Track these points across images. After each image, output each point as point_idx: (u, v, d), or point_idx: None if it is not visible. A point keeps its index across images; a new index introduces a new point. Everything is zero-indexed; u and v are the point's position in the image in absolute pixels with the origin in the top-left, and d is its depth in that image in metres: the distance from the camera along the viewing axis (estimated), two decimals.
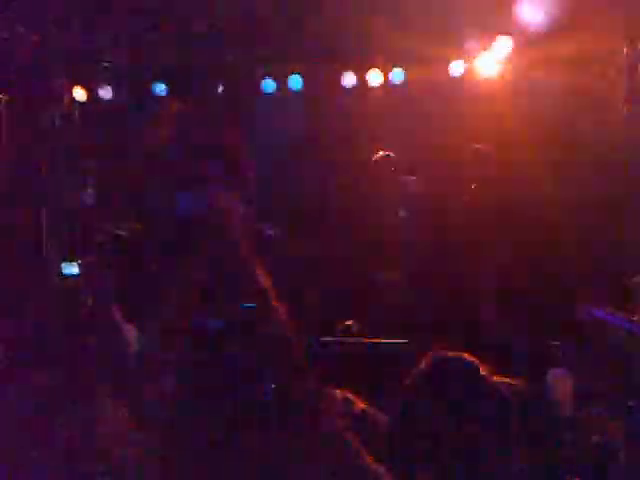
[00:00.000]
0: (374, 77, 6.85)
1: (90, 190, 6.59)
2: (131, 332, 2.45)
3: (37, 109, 6.72)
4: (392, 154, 6.37)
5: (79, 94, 7.14)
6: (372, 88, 6.87)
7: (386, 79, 6.82)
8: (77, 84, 7.09)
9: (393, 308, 5.86)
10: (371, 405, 2.15)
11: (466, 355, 1.62)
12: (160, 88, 7.21)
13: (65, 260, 5.06)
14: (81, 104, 7.23)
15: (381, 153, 6.39)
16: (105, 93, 7.20)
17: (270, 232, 6.09)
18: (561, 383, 3.83)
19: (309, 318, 5.86)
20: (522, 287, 6.07)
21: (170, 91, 7.15)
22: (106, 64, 6.92)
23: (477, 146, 6.19)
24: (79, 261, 4.35)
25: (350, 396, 2.18)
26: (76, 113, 7.17)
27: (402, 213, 6.34)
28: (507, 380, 1.82)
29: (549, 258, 6.10)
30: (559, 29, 5.83)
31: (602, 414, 3.11)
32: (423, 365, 1.62)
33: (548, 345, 4.25)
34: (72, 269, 4.14)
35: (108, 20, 6.18)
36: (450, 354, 1.63)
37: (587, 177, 6.15)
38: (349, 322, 5.70)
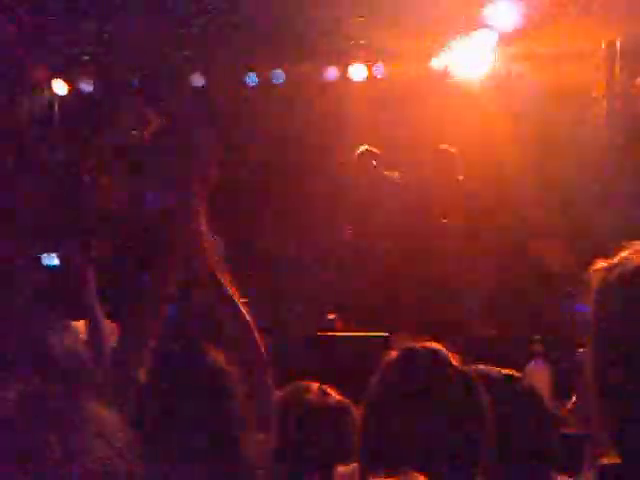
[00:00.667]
0: (356, 71, 6.85)
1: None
2: (112, 330, 2.43)
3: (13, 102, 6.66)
4: (374, 149, 6.38)
5: (59, 87, 7.08)
6: (354, 83, 6.87)
7: (369, 73, 6.82)
8: (57, 76, 7.03)
9: (375, 304, 5.88)
10: (350, 398, 2.16)
11: (435, 345, 1.60)
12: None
13: (46, 251, 4.93)
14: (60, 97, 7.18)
15: (363, 148, 6.40)
16: (86, 86, 7.13)
17: None
18: (539, 375, 3.87)
19: (291, 314, 5.90)
20: (504, 284, 6.12)
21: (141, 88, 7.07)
22: (87, 57, 6.84)
23: (443, 147, 6.17)
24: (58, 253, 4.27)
25: (328, 389, 2.19)
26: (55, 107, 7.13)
27: (385, 209, 6.34)
28: (487, 369, 1.82)
29: (529, 255, 6.14)
30: (537, 26, 5.86)
31: (579, 407, 3.13)
32: (391, 357, 1.60)
33: (529, 339, 4.28)
34: (52, 260, 4.06)
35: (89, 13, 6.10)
36: (418, 345, 1.61)
37: (567, 173, 6.19)
38: (331, 316, 5.72)
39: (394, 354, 1.59)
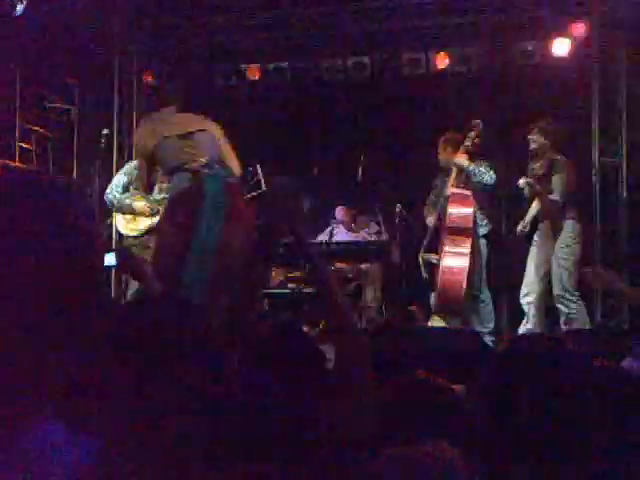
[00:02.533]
0: (442, 60, 6.69)
1: None
2: None
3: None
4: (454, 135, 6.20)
5: None
6: (439, 71, 6.72)
7: (456, 62, 6.64)
8: None
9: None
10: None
11: (545, 334, 1.54)
12: None
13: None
14: None
15: (447, 134, 6.27)
16: None
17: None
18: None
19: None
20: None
21: None
22: None
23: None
24: (115, 251, 4.17)
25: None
26: None
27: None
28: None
29: None
30: None
31: None
32: (503, 347, 1.55)
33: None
34: (110, 260, 3.92)
35: None
36: (530, 334, 1.56)
37: None
38: (412, 307, 5.65)
39: (505, 345, 1.54)
